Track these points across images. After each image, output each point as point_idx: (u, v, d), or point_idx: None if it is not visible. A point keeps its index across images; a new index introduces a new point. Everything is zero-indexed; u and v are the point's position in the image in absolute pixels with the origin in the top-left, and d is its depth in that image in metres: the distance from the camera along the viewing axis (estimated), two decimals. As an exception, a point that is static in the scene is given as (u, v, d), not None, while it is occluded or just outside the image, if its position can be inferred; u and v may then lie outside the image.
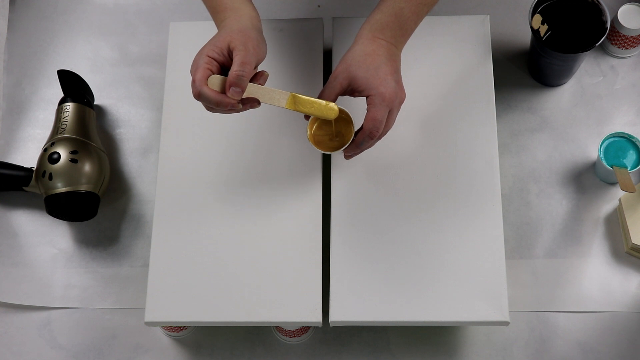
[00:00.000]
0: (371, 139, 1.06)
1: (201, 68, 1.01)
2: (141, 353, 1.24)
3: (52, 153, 1.26)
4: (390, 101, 1.05)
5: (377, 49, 1.06)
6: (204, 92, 1.01)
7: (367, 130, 1.06)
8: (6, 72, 1.40)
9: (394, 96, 1.06)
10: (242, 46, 1.01)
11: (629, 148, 1.24)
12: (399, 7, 1.07)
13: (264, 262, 1.15)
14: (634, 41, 1.32)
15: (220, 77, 1.02)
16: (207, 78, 1.01)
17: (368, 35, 1.07)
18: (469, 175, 1.18)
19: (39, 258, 1.29)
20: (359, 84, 1.05)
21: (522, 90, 1.34)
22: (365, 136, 1.06)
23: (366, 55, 1.06)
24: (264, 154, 1.20)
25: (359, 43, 1.07)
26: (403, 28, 1.08)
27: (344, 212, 1.17)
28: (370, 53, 1.06)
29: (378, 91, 1.05)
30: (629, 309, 1.22)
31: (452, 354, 1.22)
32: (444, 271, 1.13)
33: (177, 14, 1.41)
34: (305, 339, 1.24)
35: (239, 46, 1.01)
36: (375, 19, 1.08)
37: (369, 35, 1.07)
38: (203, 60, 1.02)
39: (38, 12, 1.43)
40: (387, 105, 1.05)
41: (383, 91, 1.05)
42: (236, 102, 1.02)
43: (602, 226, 1.26)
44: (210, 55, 1.02)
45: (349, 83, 1.06)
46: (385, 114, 1.06)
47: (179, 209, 1.18)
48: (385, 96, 1.05)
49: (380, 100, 1.05)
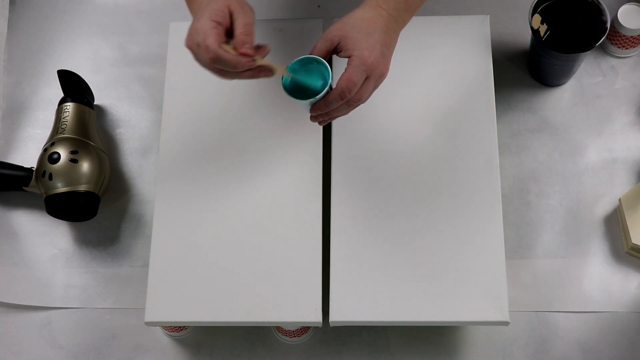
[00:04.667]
0: (342, 99, 1.04)
1: (211, 33, 1.00)
2: (141, 353, 1.24)
3: (52, 153, 1.26)
4: (370, 67, 1.04)
5: (376, 17, 1.06)
6: (221, 55, 1.00)
7: (339, 88, 1.03)
8: (6, 72, 1.40)
9: (375, 64, 1.04)
10: (240, 9, 1.02)
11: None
12: None
13: (264, 262, 1.15)
14: (634, 41, 1.32)
15: (226, 43, 1.02)
16: (220, 41, 1.00)
17: (371, 3, 1.07)
18: (469, 175, 1.18)
19: (39, 258, 1.29)
20: (346, 42, 1.04)
21: (522, 90, 1.34)
22: (336, 94, 1.03)
23: (363, 20, 1.05)
24: (264, 154, 1.20)
25: (361, 8, 1.07)
26: (407, 2, 1.08)
27: (344, 212, 1.17)
28: (368, 19, 1.05)
29: (361, 53, 1.03)
30: (629, 309, 1.22)
31: (452, 354, 1.22)
32: (444, 271, 1.13)
33: (177, 14, 1.41)
34: (305, 339, 1.24)
35: (237, 9, 1.02)
36: None
37: (372, 3, 1.07)
38: (209, 25, 1.01)
39: (38, 12, 1.43)
40: (365, 70, 1.03)
41: (366, 55, 1.03)
42: (252, 60, 1.01)
43: (602, 226, 1.26)
44: (214, 19, 1.02)
45: (339, 40, 1.05)
46: (362, 79, 1.03)
47: (179, 209, 1.18)
48: (366, 60, 1.03)
49: (360, 62, 1.03)
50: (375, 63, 1.04)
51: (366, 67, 1.03)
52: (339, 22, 1.06)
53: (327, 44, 1.06)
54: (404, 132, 1.20)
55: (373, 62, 1.04)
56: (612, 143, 1.30)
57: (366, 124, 1.19)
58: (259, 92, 1.23)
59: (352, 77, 1.03)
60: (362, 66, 1.03)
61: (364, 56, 1.03)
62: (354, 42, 1.04)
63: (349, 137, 1.20)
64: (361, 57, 1.03)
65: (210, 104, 1.24)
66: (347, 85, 1.02)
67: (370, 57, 1.03)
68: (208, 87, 1.24)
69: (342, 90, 1.03)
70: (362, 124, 1.19)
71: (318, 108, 1.05)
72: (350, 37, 1.04)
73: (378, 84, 1.07)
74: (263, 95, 1.23)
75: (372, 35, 1.04)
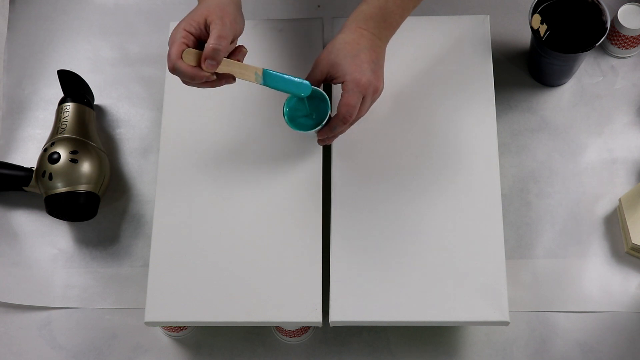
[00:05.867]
0: (344, 123, 1.08)
1: (177, 42, 1.03)
2: (141, 353, 1.24)
3: (52, 153, 1.26)
4: (364, 88, 1.07)
5: (358, 38, 1.08)
6: (178, 65, 1.02)
7: (340, 115, 1.07)
8: (6, 72, 1.40)
9: (368, 84, 1.07)
10: (219, 20, 1.03)
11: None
12: (384, 0, 1.09)
13: (264, 262, 1.15)
14: (634, 41, 1.32)
15: (195, 51, 1.03)
16: (182, 52, 1.03)
17: (352, 26, 1.09)
18: (469, 175, 1.18)
19: (39, 258, 1.29)
20: (336, 70, 1.07)
21: (522, 90, 1.34)
22: (338, 121, 1.08)
23: (346, 44, 1.08)
24: (264, 154, 1.20)
25: (342, 32, 1.09)
26: (387, 21, 1.10)
27: (344, 212, 1.17)
28: (351, 42, 1.08)
29: (352, 77, 1.06)
30: (629, 309, 1.22)
31: (452, 354, 1.22)
32: (444, 271, 1.13)
33: (177, 14, 1.41)
34: (305, 339, 1.24)
35: (215, 20, 1.03)
36: (360, 10, 1.10)
37: (353, 26, 1.09)
38: (180, 34, 1.03)
39: (38, 12, 1.43)
40: (360, 92, 1.07)
41: (357, 77, 1.06)
42: (210, 75, 1.03)
43: (602, 226, 1.26)
44: (187, 29, 1.04)
45: (328, 70, 1.08)
46: (359, 100, 1.07)
47: (179, 209, 1.18)
48: (359, 82, 1.06)
49: (354, 85, 1.06)
50: (368, 82, 1.07)
51: (360, 89, 1.07)
52: (324, 51, 1.09)
53: (316, 76, 1.09)
54: (404, 132, 1.20)
55: (366, 82, 1.07)
56: (612, 143, 1.30)
57: (366, 124, 1.19)
58: (259, 92, 1.22)
59: (350, 101, 1.07)
60: (356, 88, 1.07)
61: (356, 79, 1.06)
62: (343, 67, 1.07)
63: (349, 137, 1.20)
64: (354, 81, 1.06)
65: (210, 104, 1.24)
66: (347, 110, 1.07)
67: (362, 78, 1.07)
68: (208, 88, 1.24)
69: (344, 116, 1.07)
70: (361, 125, 1.19)
71: (324, 133, 1.11)
72: (337, 64, 1.07)
73: (375, 99, 1.11)
74: (263, 96, 1.23)
75: (357, 56, 1.07)
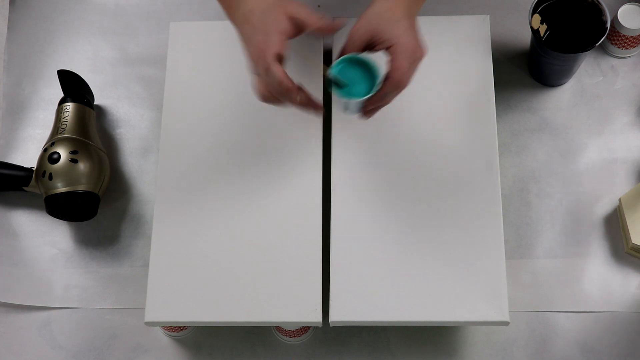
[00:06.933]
0: (397, 88, 1.05)
1: (274, 41, 1.02)
2: (141, 353, 1.24)
3: (52, 153, 1.26)
4: (413, 51, 1.04)
5: (395, 5, 1.06)
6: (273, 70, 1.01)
7: (394, 80, 1.04)
8: (6, 72, 1.40)
9: (415, 47, 1.05)
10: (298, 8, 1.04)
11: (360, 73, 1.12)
12: None
13: (263, 262, 1.15)
14: (634, 41, 1.32)
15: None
16: (279, 54, 1.02)
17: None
18: (469, 175, 1.18)
19: (39, 258, 1.29)
20: (380, 35, 1.05)
21: (522, 90, 1.34)
22: (392, 87, 1.05)
23: (385, 11, 1.06)
24: (264, 154, 1.20)
25: (377, 1, 1.07)
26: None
27: (344, 212, 1.17)
28: (389, 9, 1.06)
29: (400, 40, 1.04)
30: (629, 309, 1.22)
31: (452, 354, 1.22)
32: (444, 271, 1.13)
33: (177, 14, 1.41)
34: (305, 339, 1.24)
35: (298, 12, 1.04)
36: None
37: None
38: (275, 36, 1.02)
39: (38, 12, 1.43)
40: (410, 55, 1.04)
41: (405, 41, 1.04)
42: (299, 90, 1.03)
43: (602, 226, 1.26)
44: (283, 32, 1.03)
45: (371, 36, 1.06)
46: (408, 64, 1.04)
47: (179, 209, 1.18)
48: (408, 46, 1.04)
49: (403, 49, 1.04)
50: (415, 46, 1.05)
51: (409, 53, 1.04)
52: (361, 19, 1.06)
53: (356, 44, 1.06)
54: (404, 132, 1.20)
55: (414, 46, 1.05)
56: (612, 143, 1.30)
57: (366, 124, 1.19)
58: (259, 92, 1.23)
59: (402, 66, 1.04)
60: (405, 52, 1.04)
61: (403, 42, 1.04)
62: (388, 32, 1.04)
63: (349, 137, 1.20)
64: (402, 44, 1.04)
65: (210, 104, 1.24)
66: (401, 75, 1.04)
67: (409, 41, 1.04)
68: (208, 88, 1.24)
69: (397, 81, 1.04)
70: (361, 124, 1.19)
71: (374, 102, 1.07)
72: (381, 30, 1.05)
73: (418, 66, 1.07)
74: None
75: (400, 21, 1.05)
